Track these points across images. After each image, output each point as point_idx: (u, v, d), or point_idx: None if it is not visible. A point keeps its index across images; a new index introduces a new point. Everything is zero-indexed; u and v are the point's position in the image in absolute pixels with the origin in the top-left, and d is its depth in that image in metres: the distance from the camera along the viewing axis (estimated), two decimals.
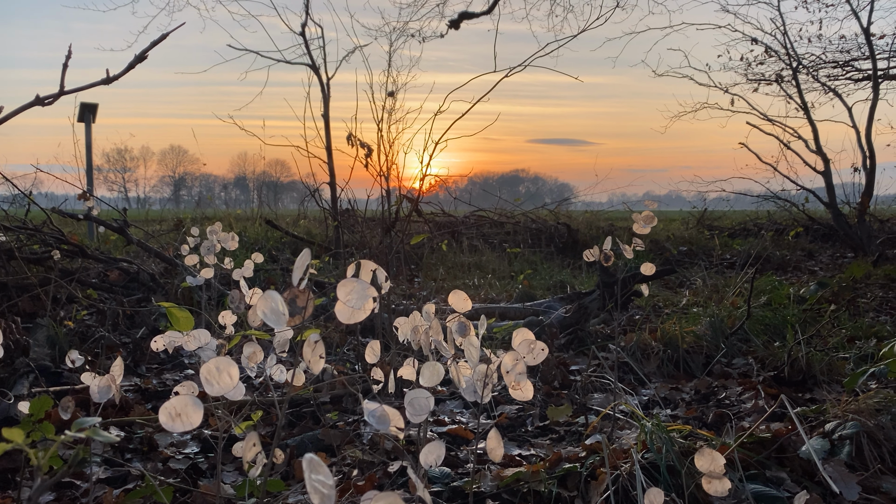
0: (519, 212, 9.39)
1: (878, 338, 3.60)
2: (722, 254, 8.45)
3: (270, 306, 0.68)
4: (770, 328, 3.65)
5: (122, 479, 1.99)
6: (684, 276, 6.26)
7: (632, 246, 2.08)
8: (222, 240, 2.56)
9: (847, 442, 1.95)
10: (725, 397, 2.62)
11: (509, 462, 2.11)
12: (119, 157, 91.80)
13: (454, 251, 7.07)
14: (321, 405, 2.58)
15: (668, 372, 2.99)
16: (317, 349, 0.71)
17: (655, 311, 4.52)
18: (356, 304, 0.71)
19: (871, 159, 8.09)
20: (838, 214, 7.97)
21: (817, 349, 2.92)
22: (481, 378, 1.00)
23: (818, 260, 8.09)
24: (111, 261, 4.14)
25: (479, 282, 5.52)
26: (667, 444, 1.82)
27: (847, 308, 4.33)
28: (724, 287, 5.03)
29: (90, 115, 7.49)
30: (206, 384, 0.74)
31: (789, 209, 9.37)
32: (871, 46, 8.60)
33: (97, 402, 1.26)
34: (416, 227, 8.11)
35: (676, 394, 2.71)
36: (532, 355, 0.96)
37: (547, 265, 6.40)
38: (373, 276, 0.81)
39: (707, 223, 10.69)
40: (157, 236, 6.59)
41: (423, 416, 0.97)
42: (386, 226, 6.98)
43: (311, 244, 7.26)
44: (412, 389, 0.95)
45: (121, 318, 3.37)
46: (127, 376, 3.05)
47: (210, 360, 0.75)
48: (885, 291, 5.42)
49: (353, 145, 7.02)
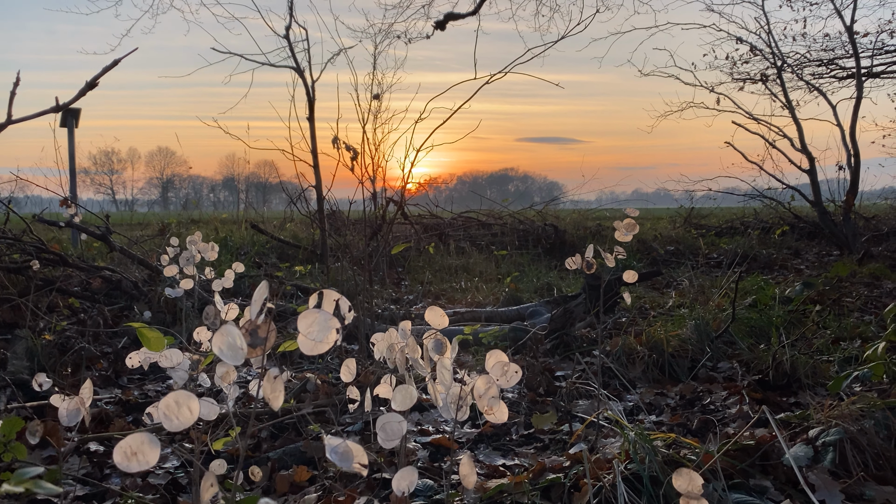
0: (507, 212, 9.38)
1: (862, 338, 3.61)
2: (709, 253, 8.48)
3: (228, 342, 0.65)
4: (755, 330, 3.65)
5: (100, 496, 1.96)
6: (671, 277, 6.28)
7: (614, 255, 2.07)
8: (202, 250, 2.53)
9: (830, 449, 1.95)
10: (710, 402, 2.61)
11: (493, 472, 2.09)
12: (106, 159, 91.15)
13: (441, 254, 7.05)
14: (304, 416, 2.56)
15: (654, 377, 2.99)
16: (276, 384, 0.69)
17: (642, 314, 4.52)
18: (318, 336, 0.69)
19: (855, 157, 8.13)
20: (824, 213, 8.01)
21: (802, 352, 2.92)
22: (455, 401, 0.98)
23: (804, 258, 8.13)
24: (93, 269, 4.10)
25: (466, 285, 5.50)
26: (650, 454, 1.81)
27: (832, 308, 4.34)
28: (710, 288, 5.04)
29: (73, 120, 7.41)
30: (164, 420, 0.72)
31: (775, 207, 9.41)
32: (855, 45, 8.64)
33: (66, 425, 1.23)
34: (403, 230, 8.09)
35: (661, 399, 2.70)
36: (506, 378, 0.94)
37: (534, 267, 6.39)
38: (336, 307, 0.79)
39: (694, 222, 10.73)
40: (141, 242, 6.53)
41: (396, 442, 0.96)
42: (372, 230, 6.94)
43: (297, 248, 7.22)
44: (382, 415, 0.93)
45: (102, 330, 3.33)
46: (108, 387, 3.02)
47: (169, 395, 0.73)
48: (870, 290, 5.45)
49: (339, 148, 6.98)
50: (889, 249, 7.86)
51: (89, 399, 1.25)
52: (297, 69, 7.09)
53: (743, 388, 2.71)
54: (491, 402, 0.91)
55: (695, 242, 9.17)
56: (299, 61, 7.09)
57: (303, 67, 7.12)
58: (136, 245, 6.10)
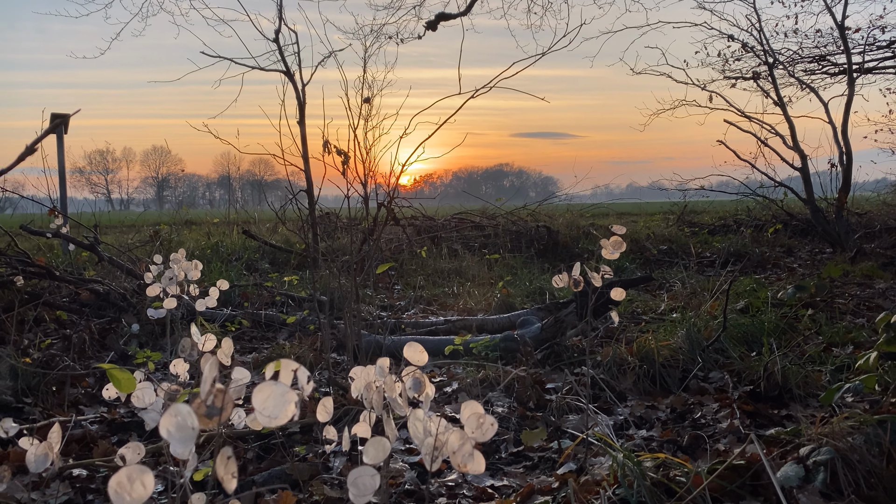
0: (500, 212, 9.36)
1: (855, 344, 3.59)
2: (702, 252, 8.46)
3: (177, 423, 0.62)
4: (747, 336, 3.63)
5: None
6: (664, 278, 6.26)
7: (601, 273, 2.04)
8: (186, 269, 2.50)
9: (822, 468, 1.93)
10: (701, 416, 2.59)
11: (481, 495, 2.07)
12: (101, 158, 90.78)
13: (434, 257, 7.02)
14: (290, 436, 2.53)
15: (645, 388, 2.96)
16: (230, 466, 0.66)
17: (634, 318, 4.50)
18: (273, 412, 0.66)
19: (847, 155, 8.12)
20: (816, 210, 8.00)
21: (794, 362, 2.90)
22: (429, 453, 0.95)
23: (797, 256, 8.12)
24: (81, 282, 4.06)
25: (458, 290, 5.47)
26: (638, 478, 1.78)
27: (824, 311, 4.32)
28: (702, 291, 5.02)
29: (62, 127, 7.35)
30: (114, 497, 0.69)
31: (768, 206, 9.40)
32: (846, 43, 8.62)
33: (34, 471, 1.20)
34: (396, 233, 8.06)
35: (652, 412, 2.68)
36: (481, 431, 0.91)
37: (527, 270, 6.36)
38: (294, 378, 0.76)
39: (687, 219, 10.71)
40: (132, 249, 6.49)
41: (368, 498, 0.93)
42: (364, 235, 6.91)
43: (289, 252, 7.18)
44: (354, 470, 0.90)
45: (88, 345, 3.29)
46: (93, 405, 2.98)
47: (121, 470, 0.69)
48: (863, 289, 5.44)
49: (330, 152, 6.93)
50: (881, 246, 7.85)
51: (57, 444, 1.22)
52: (287, 73, 7.06)
53: (734, 400, 2.69)
54: (464, 458, 0.88)
55: (688, 241, 9.16)
56: (289, 65, 7.06)
57: (293, 71, 7.09)
58: (126, 253, 6.06)
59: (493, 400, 2.86)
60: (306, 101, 7.11)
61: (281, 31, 7.01)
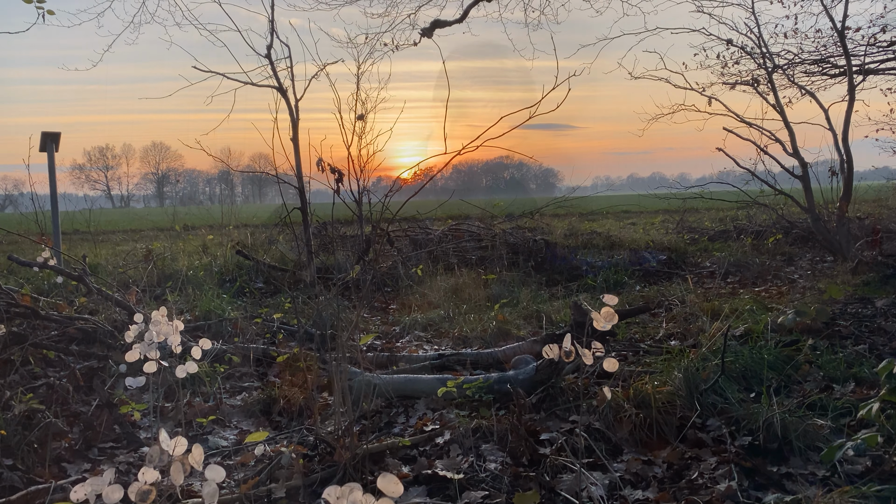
0: (499, 218, 9.30)
1: (856, 380, 3.52)
2: (701, 262, 8.39)
3: None
4: (747, 371, 3.56)
5: None
6: (662, 295, 6.18)
7: (591, 351, 1.97)
8: (165, 332, 2.43)
9: None
10: (699, 475, 2.52)
11: None
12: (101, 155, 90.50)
13: (430, 274, 6.94)
14: (276, 500, 2.46)
15: (641, 438, 2.89)
16: None
17: (632, 347, 4.43)
18: None
19: (848, 163, 8.02)
20: (817, 219, 7.91)
21: (793, 412, 2.83)
22: None
23: (798, 265, 8.04)
24: (66, 320, 3.99)
25: (453, 313, 5.40)
26: None
27: (825, 337, 4.25)
28: (701, 314, 4.94)
29: (52, 145, 7.26)
30: None
31: (769, 213, 9.31)
32: (846, 48, 8.50)
33: None
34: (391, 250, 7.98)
35: (648, 469, 2.61)
36: None
37: (524, 288, 6.29)
38: None
39: (687, 226, 10.63)
40: (124, 271, 6.42)
41: None
42: (358, 255, 6.83)
43: (284, 271, 7.11)
44: None
45: (72, 394, 3.22)
46: (77, 461, 2.92)
47: None
48: (864, 305, 5.36)
49: (323, 170, 6.86)
50: (883, 254, 7.75)
51: None
52: (280, 89, 6.96)
53: (732, 454, 2.63)
54: None
55: (687, 249, 9.08)
56: (282, 81, 6.96)
57: (286, 87, 6.99)
58: (119, 274, 5.99)
59: (485, 454, 2.79)
60: (299, 119, 7.01)
61: (273, 47, 6.91)
